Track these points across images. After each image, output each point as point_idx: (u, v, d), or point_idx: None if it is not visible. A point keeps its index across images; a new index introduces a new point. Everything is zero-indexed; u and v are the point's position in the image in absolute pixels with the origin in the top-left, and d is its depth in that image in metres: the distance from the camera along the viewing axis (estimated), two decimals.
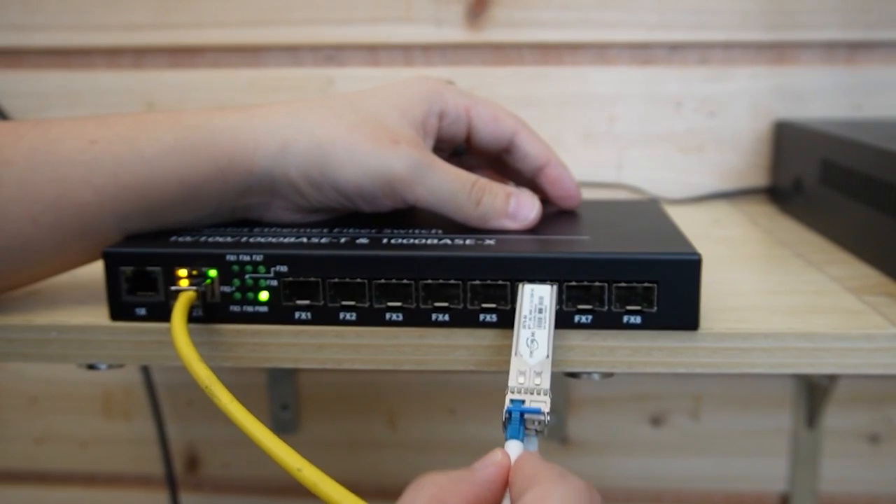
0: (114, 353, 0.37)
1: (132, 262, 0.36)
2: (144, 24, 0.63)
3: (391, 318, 0.35)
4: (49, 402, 0.72)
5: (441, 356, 0.36)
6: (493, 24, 0.61)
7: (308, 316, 0.36)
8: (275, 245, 0.36)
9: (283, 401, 0.69)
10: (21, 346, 0.38)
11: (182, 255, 0.36)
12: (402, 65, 0.63)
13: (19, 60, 0.65)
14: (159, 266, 0.36)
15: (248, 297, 0.36)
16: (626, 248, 0.34)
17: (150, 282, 0.36)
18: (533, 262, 0.33)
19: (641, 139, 0.62)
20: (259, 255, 0.35)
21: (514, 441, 0.29)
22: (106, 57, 0.64)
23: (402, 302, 0.35)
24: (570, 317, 0.34)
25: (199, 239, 0.37)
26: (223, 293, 0.36)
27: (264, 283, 0.35)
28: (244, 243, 0.36)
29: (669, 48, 0.61)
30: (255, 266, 0.35)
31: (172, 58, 0.64)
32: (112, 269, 0.36)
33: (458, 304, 0.35)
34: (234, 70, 0.64)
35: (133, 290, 0.36)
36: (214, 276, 0.36)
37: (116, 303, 0.36)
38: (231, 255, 0.35)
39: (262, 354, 0.36)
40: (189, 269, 0.36)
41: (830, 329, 0.35)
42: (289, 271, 0.35)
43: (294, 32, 0.63)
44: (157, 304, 0.36)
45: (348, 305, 0.35)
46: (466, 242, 0.36)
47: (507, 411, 0.30)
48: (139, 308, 0.36)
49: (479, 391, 0.68)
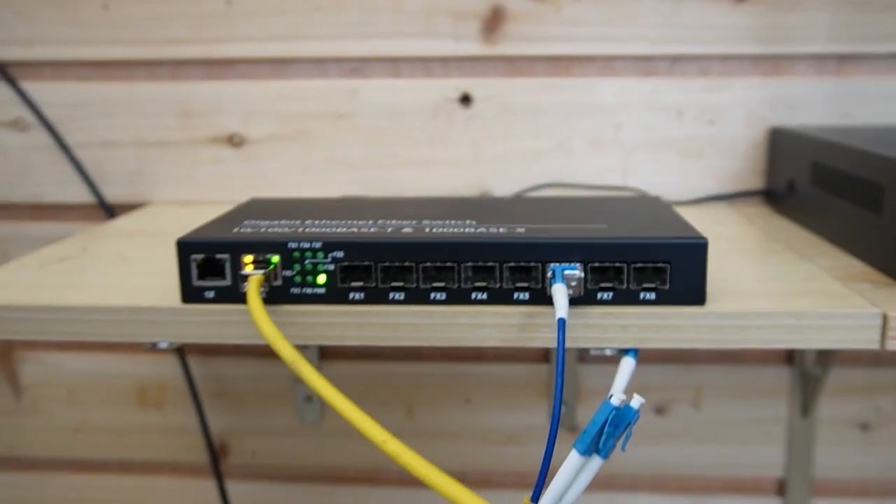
0: (182, 333, 0.41)
1: (202, 251, 0.40)
2: (181, 39, 0.68)
3: (435, 298, 0.40)
4: (86, 393, 0.76)
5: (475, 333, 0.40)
6: (507, 39, 0.66)
7: (361, 296, 0.40)
8: (331, 233, 0.40)
9: (308, 393, 0.73)
10: (97, 326, 0.42)
11: (248, 243, 0.40)
12: (423, 76, 0.67)
13: (64, 72, 0.69)
14: (227, 254, 0.40)
15: (308, 280, 0.40)
16: (642, 234, 0.39)
17: (219, 268, 0.40)
18: (562, 246, 0.38)
19: (645, 145, 0.67)
20: (318, 242, 0.40)
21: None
22: (145, 69, 0.69)
23: (444, 283, 0.39)
24: (594, 294, 0.39)
25: (259, 229, 0.42)
26: (285, 277, 0.40)
27: (322, 267, 0.40)
28: (303, 233, 0.41)
29: (671, 61, 0.66)
30: (314, 252, 0.40)
31: (207, 69, 0.68)
32: (184, 257, 0.40)
33: (495, 284, 0.39)
34: (265, 81, 0.68)
35: (202, 275, 0.41)
36: (277, 261, 0.40)
37: (187, 287, 0.41)
38: (293, 242, 0.40)
39: (321, 332, 0.40)
40: (255, 255, 0.40)
41: (818, 309, 0.40)
42: (344, 256, 0.40)
43: (321, 46, 0.67)
44: (224, 287, 0.40)
45: (397, 286, 0.40)
46: (500, 230, 0.40)
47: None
48: (208, 291, 0.41)
49: (492, 382, 0.73)
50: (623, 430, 0.32)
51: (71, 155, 0.70)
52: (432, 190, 0.68)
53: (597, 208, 0.46)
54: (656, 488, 0.75)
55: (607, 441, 0.32)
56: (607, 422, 0.32)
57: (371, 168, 0.68)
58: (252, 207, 0.48)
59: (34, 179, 0.71)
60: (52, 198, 0.71)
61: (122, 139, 0.70)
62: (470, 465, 0.75)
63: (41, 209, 0.72)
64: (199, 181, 0.70)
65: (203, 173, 0.70)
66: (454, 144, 0.68)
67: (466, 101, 0.67)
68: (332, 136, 0.68)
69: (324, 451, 0.75)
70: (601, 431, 0.32)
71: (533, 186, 0.68)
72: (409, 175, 0.68)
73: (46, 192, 0.71)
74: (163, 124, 0.69)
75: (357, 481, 0.76)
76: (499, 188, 0.68)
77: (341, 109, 0.68)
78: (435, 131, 0.68)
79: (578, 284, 0.38)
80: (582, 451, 0.32)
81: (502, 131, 0.67)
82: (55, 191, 0.71)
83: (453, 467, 0.75)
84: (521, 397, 0.73)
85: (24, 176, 0.71)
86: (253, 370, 0.74)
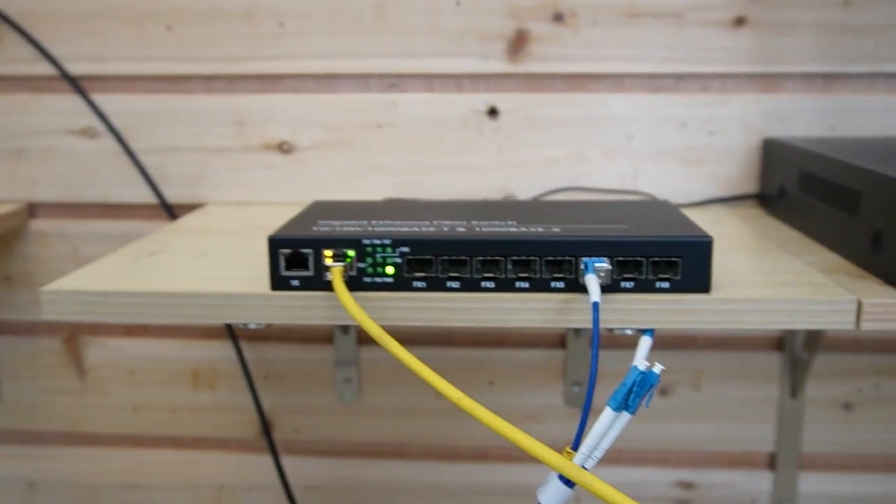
0: (271, 315, 0.49)
1: (290, 246, 0.48)
2: (236, 56, 0.76)
3: (485, 286, 0.48)
4: (145, 375, 0.84)
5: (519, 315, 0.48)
6: (530, 59, 0.74)
7: (423, 285, 0.48)
8: (397, 232, 0.48)
9: (346, 375, 0.81)
10: (196, 310, 0.50)
11: (328, 240, 0.48)
12: (454, 91, 0.75)
13: (131, 86, 0.77)
14: (311, 249, 0.48)
15: (378, 271, 0.48)
16: (658, 233, 0.47)
17: (303, 260, 0.48)
18: (592, 243, 0.46)
19: (653, 153, 0.75)
20: (388, 239, 0.48)
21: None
22: (203, 83, 0.77)
23: (493, 274, 0.47)
24: (618, 283, 0.47)
25: (335, 228, 0.49)
26: (359, 268, 0.48)
27: (390, 260, 0.48)
28: (373, 231, 0.49)
29: (676, 78, 0.74)
30: (384, 248, 0.48)
31: (260, 83, 0.76)
32: (274, 251, 0.48)
33: (536, 274, 0.47)
34: (312, 94, 0.76)
35: (289, 266, 0.48)
36: (353, 255, 0.48)
37: (276, 276, 0.49)
38: (366, 239, 0.48)
39: (390, 315, 0.48)
40: (334, 250, 0.48)
41: (804, 296, 0.48)
42: (410, 251, 0.48)
43: (363, 64, 0.75)
44: (307, 277, 0.48)
45: (454, 276, 0.48)
46: (538, 230, 0.48)
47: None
48: (294, 280, 0.48)
49: (513, 366, 0.81)
50: (647, 390, 0.40)
51: (136, 160, 0.78)
52: (462, 193, 0.76)
53: (618, 211, 0.54)
54: (660, 462, 0.82)
55: (635, 399, 0.40)
56: (635, 383, 0.39)
57: (407, 173, 0.76)
58: (318, 209, 0.56)
59: (102, 182, 0.79)
60: (119, 199, 0.79)
61: (182, 146, 0.77)
62: (493, 441, 0.83)
63: (108, 209, 0.80)
64: (251, 184, 0.78)
65: (255, 177, 0.77)
66: (482, 152, 0.76)
67: (493, 114, 0.75)
68: (372, 143, 0.76)
69: (360, 428, 0.83)
70: (630, 391, 0.40)
71: (552, 190, 0.76)
72: (442, 179, 0.76)
73: (113, 194, 0.79)
74: (219, 133, 0.77)
75: (389, 456, 0.84)
76: (521, 191, 0.76)
77: (381, 120, 0.76)
78: (465, 140, 0.76)
79: (606, 275, 0.46)
80: (614, 407, 0.40)
81: (525, 141, 0.75)
82: (121, 192, 0.79)
83: (478, 442, 0.83)
84: (540, 379, 0.81)
85: (94, 179, 0.79)
86: (297, 354, 0.82)
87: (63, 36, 0.77)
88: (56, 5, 0.76)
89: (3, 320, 0.84)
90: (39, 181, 0.80)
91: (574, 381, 0.80)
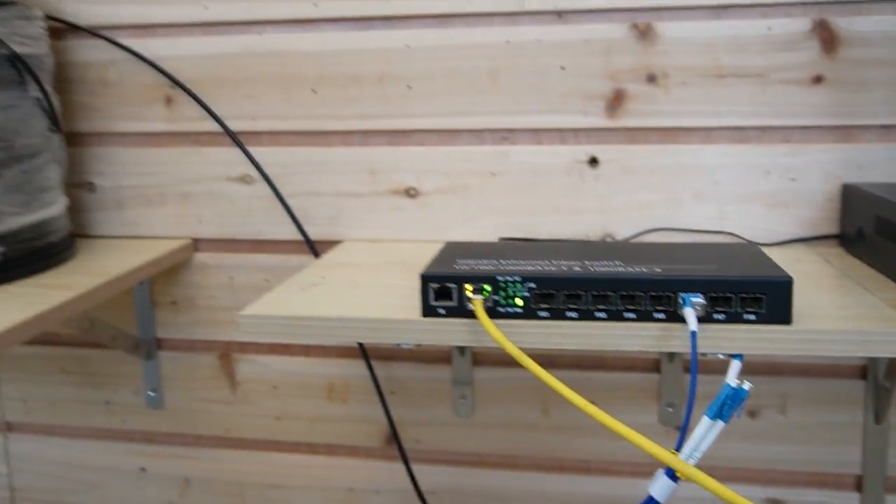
0: (422, 337, 0.60)
1: (438, 281, 0.59)
2: (370, 115, 0.88)
3: (598, 316, 0.58)
4: (287, 388, 0.96)
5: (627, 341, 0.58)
6: (627, 114, 0.84)
7: (547, 315, 0.58)
8: (525, 270, 0.59)
9: (462, 392, 0.92)
10: (357, 332, 0.61)
11: (470, 276, 0.59)
12: (559, 143, 0.86)
13: (281, 140, 0.90)
14: (455, 283, 0.59)
15: (510, 302, 0.59)
16: (745, 273, 0.56)
17: (448, 293, 0.59)
18: (690, 282, 0.56)
19: (739, 198, 0.84)
20: (518, 276, 0.58)
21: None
22: (341, 137, 0.89)
23: (605, 306, 0.57)
24: (711, 315, 0.56)
25: (473, 266, 0.60)
26: (493, 300, 0.59)
27: (520, 293, 0.58)
28: (505, 269, 0.59)
29: (760, 131, 0.83)
30: (514, 283, 0.58)
31: (390, 137, 0.88)
32: (425, 285, 0.59)
33: (641, 307, 0.57)
34: (435, 147, 0.87)
35: (436, 297, 0.59)
36: (489, 289, 0.59)
37: (426, 305, 0.60)
38: (500, 276, 0.58)
39: (520, 339, 0.59)
40: (473, 285, 0.59)
41: (876, 328, 0.56)
42: (536, 287, 0.58)
43: (480, 120, 0.86)
44: (452, 307, 0.59)
45: (572, 308, 0.58)
46: (642, 269, 0.58)
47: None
48: (441, 309, 0.59)
49: (612, 387, 0.90)
50: (738, 403, 0.49)
51: (284, 202, 0.91)
52: (567, 233, 0.86)
53: (709, 252, 0.64)
54: (751, 480, 0.90)
55: (727, 410, 0.49)
56: (728, 397, 0.49)
57: (518, 215, 0.87)
58: (452, 249, 0.67)
59: (255, 221, 0.92)
60: (269, 235, 0.92)
61: (323, 190, 0.90)
62: (594, 456, 0.92)
63: (259, 244, 0.93)
64: (382, 224, 0.89)
65: (385, 218, 0.89)
66: (584, 197, 0.86)
67: (594, 163, 0.85)
68: (487, 189, 0.87)
69: (473, 440, 0.94)
70: (723, 404, 0.49)
71: (647, 230, 0.86)
72: (548, 220, 0.86)
73: (264, 231, 0.92)
74: (355, 179, 0.89)
75: (499, 466, 0.94)
76: (619, 231, 0.86)
77: (494, 169, 0.87)
78: (568, 186, 0.86)
79: (701, 308, 0.55)
80: (711, 416, 0.49)
81: (622, 186, 0.85)
82: (271, 230, 0.92)
83: (581, 455, 0.92)
84: (636, 400, 0.90)
85: (248, 218, 0.92)
86: (419, 373, 0.93)
87: (225, 98, 0.90)
88: (219, 73, 0.90)
89: (167, 338, 0.98)
90: (203, 220, 0.93)
91: (668, 402, 0.88)
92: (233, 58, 0.89)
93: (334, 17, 0.87)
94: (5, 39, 0.78)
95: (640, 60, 0.82)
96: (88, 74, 0.93)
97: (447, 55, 0.85)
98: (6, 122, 0.78)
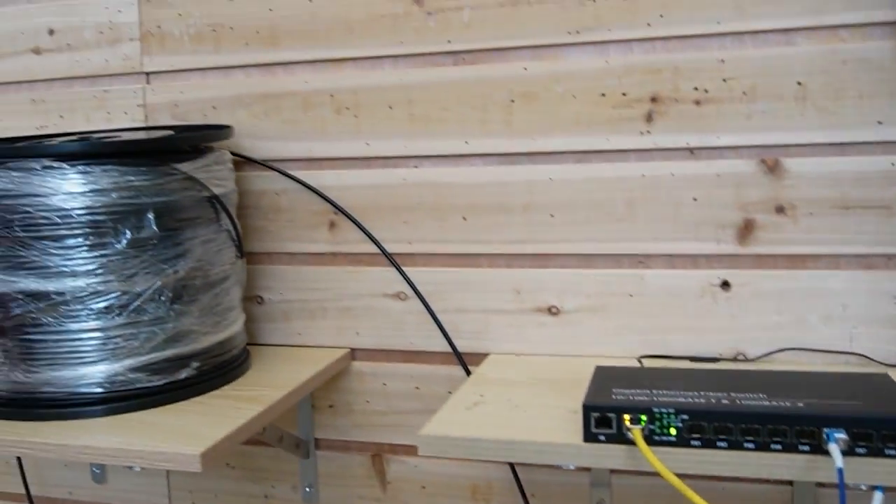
0: (584, 461, 0.68)
1: (599, 411, 0.67)
2: (516, 239, 0.97)
3: (747, 446, 0.64)
4: (434, 488, 1.04)
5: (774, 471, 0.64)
6: (757, 242, 0.91)
7: (699, 443, 0.65)
8: (678, 402, 0.66)
9: (599, 496, 0.98)
10: (525, 454, 0.69)
11: (628, 407, 0.66)
12: (692, 267, 0.93)
13: (433, 261, 1.00)
14: (614, 414, 0.66)
15: (664, 431, 0.65)
16: (887, 410, 0.61)
17: (608, 421, 0.67)
18: (834, 418, 0.62)
19: (867, 320, 0.88)
20: (672, 408, 0.65)
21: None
22: (488, 259, 0.99)
23: (753, 437, 0.64)
24: (853, 448, 0.62)
25: (629, 397, 0.68)
26: (650, 429, 0.66)
27: (674, 424, 0.65)
28: (659, 401, 0.66)
29: (886, 258, 0.88)
30: (669, 415, 0.65)
31: (533, 260, 0.97)
32: (587, 414, 0.67)
33: (787, 439, 0.63)
34: (576, 269, 0.96)
35: (597, 425, 0.67)
36: (645, 419, 0.66)
37: (588, 432, 0.67)
38: (656, 408, 0.65)
39: (674, 465, 0.65)
40: (631, 415, 0.66)
41: None
42: (689, 419, 0.65)
43: (617, 246, 0.94)
44: (611, 434, 0.66)
45: (722, 438, 0.64)
46: (786, 404, 0.64)
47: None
48: (601, 435, 0.67)
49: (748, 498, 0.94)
50: None
51: (435, 317, 1.00)
52: (700, 350, 0.93)
53: (846, 384, 0.69)
54: None
55: None
56: None
57: (653, 332, 0.94)
58: (605, 375, 0.75)
59: (408, 334, 1.02)
60: (420, 347, 1.02)
61: (471, 307, 0.99)
62: None
63: (411, 354, 1.03)
64: (525, 339, 0.98)
65: (529, 333, 0.98)
66: (716, 317, 0.92)
67: (726, 286, 0.92)
68: (624, 309, 0.95)
69: None
70: None
71: (776, 350, 0.91)
72: (683, 338, 0.93)
73: (416, 343, 1.02)
74: (501, 298, 0.98)
75: None
76: (750, 350, 0.92)
77: (631, 290, 0.94)
78: (701, 307, 0.92)
79: (844, 443, 0.61)
80: None
81: (753, 309, 0.91)
82: (422, 342, 1.01)
83: None
84: None
85: (401, 331, 1.02)
86: (559, 477, 0.99)
87: (384, 224, 1.01)
88: (379, 202, 1.01)
89: (324, 438, 1.08)
90: (360, 332, 1.04)
91: None
92: (392, 188, 1.01)
93: (484, 153, 0.97)
94: (206, 183, 0.91)
95: (769, 193, 0.89)
96: (262, 201, 1.06)
97: (587, 187, 0.94)
98: (204, 254, 0.90)
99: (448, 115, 0.98)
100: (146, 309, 0.86)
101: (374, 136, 1.01)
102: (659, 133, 0.91)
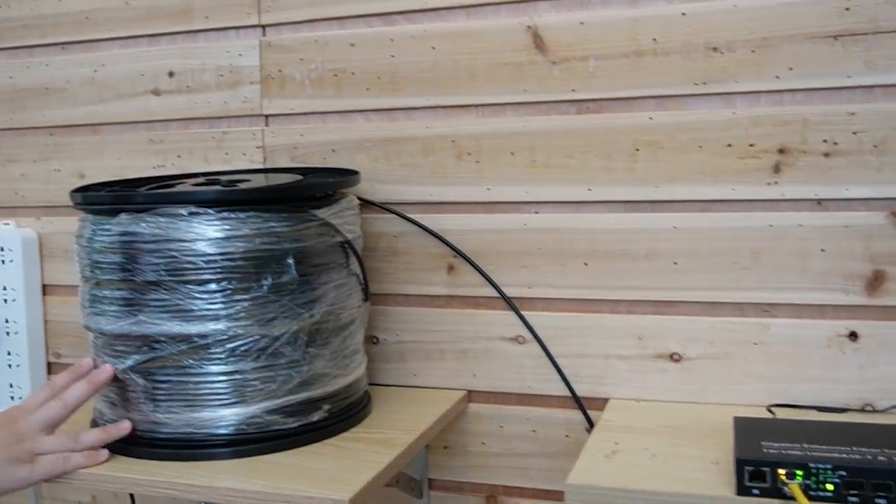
0: None
1: (752, 465, 0.67)
2: (637, 286, 0.98)
3: None
4: None
5: None
6: (886, 294, 0.90)
7: (856, 500, 0.65)
8: (835, 458, 0.66)
9: None
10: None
11: (784, 462, 0.66)
12: (818, 318, 0.92)
13: (553, 305, 1.02)
14: (769, 468, 0.67)
15: (820, 487, 0.66)
16: None
17: (762, 475, 0.67)
18: None
19: None
20: (829, 464, 0.65)
21: None
22: (609, 305, 1.00)
23: None
24: None
25: (780, 450, 0.68)
26: (805, 484, 0.66)
27: (831, 479, 0.65)
28: (815, 456, 0.66)
29: None
30: (826, 471, 0.65)
31: (655, 307, 0.98)
32: (740, 467, 0.67)
33: None
34: (699, 317, 0.96)
35: (750, 479, 0.67)
36: (801, 474, 0.66)
37: (741, 485, 0.68)
38: (813, 463, 0.66)
39: None
40: (786, 470, 0.66)
41: None
42: (847, 475, 0.65)
43: (741, 294, 0.94)
44: (765, 488, 0.67)
45: (882, 495, 0.64)
46: None
47: None
48: (755, 489, 0.67)
49: None
50: None
51: (554, 362, 1.02)
52: (827, 401, 0.92)
53: None
54: None
55: None
56: None
57: (779, 381, 0.94)
58: (747, 427, 0.75)
59: (526, 377, 1.03)
60: (537, 391, 1.03)
61: (591, 353, 1.00)
62: None
63: (528, 398, 1.04)
64: (646, 385, 0.98)
65: (650, 380, 0.98)
66: (843, 367, 0.92)
67: (853, 337, 0.91)
68: (748, 357, 0.95)
69: None
70: None
71: None
72: (809, 388, 0.93)
73: (533, 387, 1.03)
74: (622, 344, 0.99)
75: None
76: (878, 401, 0.91)
77: (756, 338, 0.94)
78: (828, 358, 0.92)
79: None
80: None
81: (881, 359, 0.91)
82: (540, 386, 1.03)
83: None
84: None
85: (519, 374, 1.03)
86: None
87: (503, 268, 1.03)
88: (499, 246, 1.03)
89: (438, 479, 1.09)
90: (477, 374, 1.05)
91: None
92: (512, 233, 1.03)
93: (606, 200, 0.99)
94: (340, 228, 0.94)
95: None
96: (380, 243, 1.09)
97: (712, 235, 0.95)
98: (337, 298, 0.93)
99: (571, 162, 1.00)
100: (283, 352, 0.88)
101: (496, 181, 1.03)
102: (786, 184, 0.92)
